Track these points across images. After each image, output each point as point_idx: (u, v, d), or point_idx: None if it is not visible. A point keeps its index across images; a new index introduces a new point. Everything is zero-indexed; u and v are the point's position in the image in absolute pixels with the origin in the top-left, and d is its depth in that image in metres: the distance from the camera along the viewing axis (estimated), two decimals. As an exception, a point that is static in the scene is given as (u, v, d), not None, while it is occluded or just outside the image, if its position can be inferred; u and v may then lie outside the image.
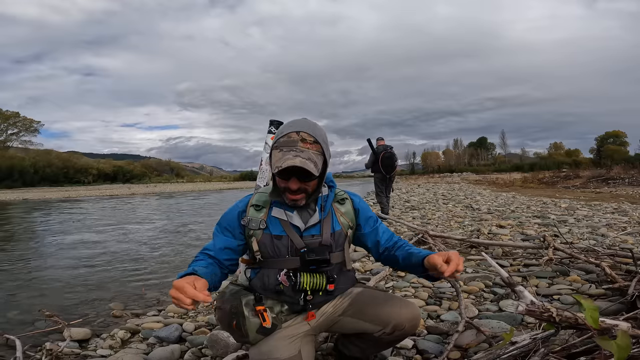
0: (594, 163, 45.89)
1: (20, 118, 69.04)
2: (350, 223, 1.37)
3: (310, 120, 1.27)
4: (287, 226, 1.29)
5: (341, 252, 1.34)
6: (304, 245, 1.27)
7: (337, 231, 1.33)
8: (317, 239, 1.29)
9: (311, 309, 1.31)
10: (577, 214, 6.52)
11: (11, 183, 53.19)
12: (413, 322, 1.35)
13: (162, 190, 35.88)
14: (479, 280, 2.75)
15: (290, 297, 1.28)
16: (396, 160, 6.85)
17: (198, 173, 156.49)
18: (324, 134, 1.26)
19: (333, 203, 1.37)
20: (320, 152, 1.21)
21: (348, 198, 1.40)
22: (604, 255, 2.86)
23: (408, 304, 1.37)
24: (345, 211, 1.37)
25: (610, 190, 13.38)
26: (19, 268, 4.43)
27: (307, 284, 1.25)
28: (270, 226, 1.29)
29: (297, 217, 1.30)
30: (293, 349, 1.23)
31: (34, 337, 2.21)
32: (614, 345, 0.91)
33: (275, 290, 1.28)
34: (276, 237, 1.28)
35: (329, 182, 1.39)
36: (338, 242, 1.33)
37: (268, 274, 1.30)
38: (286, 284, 1.27)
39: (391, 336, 1.35)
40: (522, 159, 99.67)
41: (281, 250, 1.28)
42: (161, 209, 13.92)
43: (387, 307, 1.34)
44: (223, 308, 1.29)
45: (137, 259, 4.76)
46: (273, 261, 1.29)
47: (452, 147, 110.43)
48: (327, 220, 1.32)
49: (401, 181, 39.02)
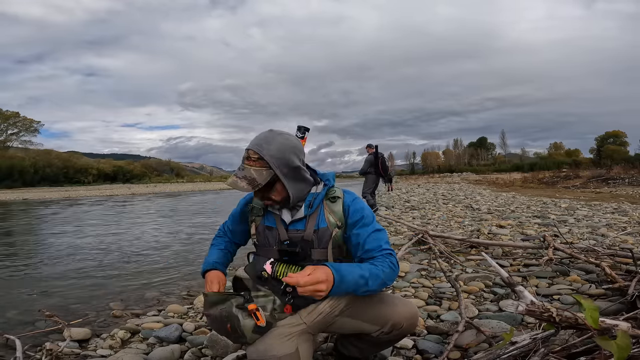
0: (594, 163, 45.89)
1: (20, 118, 69.11)
2: (339, 222, 1.35)
3: (272, 133, 1.30)
4: (277, 219, 1.37)
5: (325, 249, 1.33)
6: (287, 238, 1.34)
7: (321, 228, 1.33)
8: (300, 233, 1.33)
9: (291, 302, 1.30)
10: (577, 214, 6.52)
11: (11, 183, 53.23)
12: (411, 321, 1.35)
13: (162, 190, 35.91)
14: (479, 280, 2.75)
15: (272, 285, 1.32)
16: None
17: (198, 173, 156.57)
18: (278, 150, 1.26)
19: (324, 201, 1.37)
20: (264, 167, 1.26)
21: (341, 197, 1.39)
22: (604, 255, 2.86)
23: (405, 303, 1.37)
24: (335, 210, 1.36)
25: (610, 190, 13.38)
26: (19, 268, 4.43)
27: (281, 274, 1.28)
28: (266, 217, 1.40)
29: (286, 212, 1.38)
30: (290, 347, 1.24)
31: (34, 337, 2.20)
32: (614, 345, 0.91)
33: (259, 276, 1.34)
34: (268, 228, 1.38)
35: (325, 180, 1.41)
36: (322, 239, 1.33)
37: (259, 261, 1.38)
38: (269, 271, 1.30)
39: (389, 335, 1.34)
40: (522, 159, 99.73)
41: (270, 241, 1.37)
42: (161, 209, 13.92)
43: (384, 307, 1.33)
44: (212, 314, 1.30)
45: (137, 259, 4.76)
46: (264, 250, 1.39)
47: (452, 147, 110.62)
48: (313, 216, 1.34)
49: (401, 181, 39.05)
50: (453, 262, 3.32)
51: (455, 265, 3.24)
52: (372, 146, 8.16)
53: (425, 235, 3.85)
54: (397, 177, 47.26)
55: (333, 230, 1.34)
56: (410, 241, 3.85)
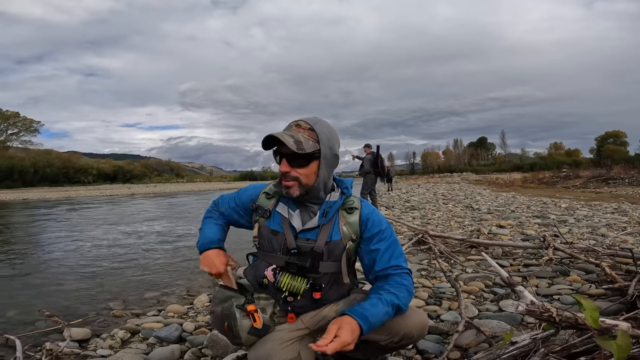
0: (594, 163, 45.84)
1: (20, 118, 69.10)
2: (354, 235, 1.28)
3: (322, 119, 1.28)
4: (285, 224, 1.28)
5: (336, 262, 1.27)
6: (295, 247, 1.25)
7: (333, 241, 1.26)
8: (310, 243, 1.25)
9: (291, 311, 1.28)
10: (577, 214, 6.52)
11: (11, 183, 53.24)
12: (422, 331, 1.32)
13: (162, 190, 35.89)
14: (479, 280, 2.75)
15: (272, 293, 1.29)
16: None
17: (198, 173, 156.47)
18: (329, 132, 1.25)
19: (340, 210, 1.30)
20: (313, 138, 1.21)
21: (358, 208, 1.31)
22: (604, 255, 2.86)
23: (417, 313, 1.33)
24: (351, 221, 1.29)
25: (610, 190, 13.38)
26: (19, 268, 4.43)
27: (285, 285, 1.23)
28: (272, 219, 1.31)
29: (297, 218, 1.28)
30: (292, 352, 1.21)
31: (34, 337, 2.21)
32: (614, 345, 0.91)
33: (260, 283, 1.31)
34: (273, 232, 1.29)
35: (343, 188, 1.34)
36: (333, 252, 1.26)
37: (260, 266, 1.33)
38: (271, 279, 1.27)
39: (398, 344, 1.32)
40: (522, 159, 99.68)
41: (274, 246, 1.29)
42: (161, 209, 13.92)
43: (396, 318, 1.25)
44: (215, 311, 1.29)
45: (137, 258, 4.76)
46: (267, 254, 1.31)
47: (452, 147, 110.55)
48: (326, 227, 1.27)
49: (401, 181, 39.03)
50: (453, 262, 3.32)
51: (455, 265, 3.24)
52: (370, 146, 8.21)
53: (425, 235, 3.85)
54: (397, 177, 47.25)
55: (347, 243, 1.28)
56: (410, 241, 3.85)
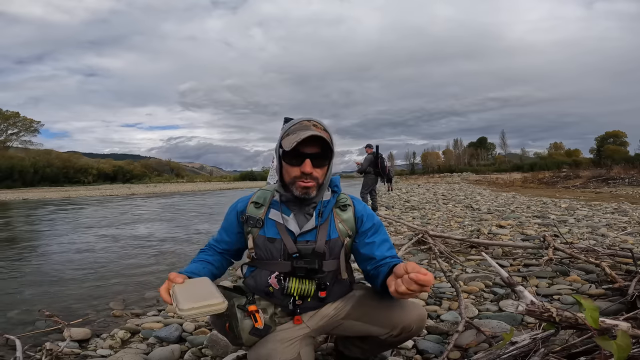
0: (594, 163, 45.79)
1: (20, 118, 69.10)
2: (350, 231, 1.31)
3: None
4: (282, 229, 1.27)
5: (335, 260, 1.29)
6: (296, 250, 1.25)
7: (332, 239, 1.28)
8: (310, 245, 1.25)
9: (299, 313, 1.29)
10: (577, 214, 6.52)
11: (11, 183, 53.25)
12: (420, 324, 1.33)
13: (162, 190, 35.88)
14: (479, 280, 2.75)
15: (279, 300, 1.28)
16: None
17: (198, 173, 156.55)
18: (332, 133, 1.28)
19: (334, 209, 1.32)
20: (328, 139, 1.22)
21: (351, 205, 1.34)
22: (604, 255, 2.85)
23: (415, 305, 1.35)
24: (346, 218, 1.32)
25: (610, 190, 13.37)
26: (19, 268, 4.43)
27: (295, 290, 1.23)
28: (266, 227, 1.29)
29: (292, 222, 1.28)
30: (292, 352, 1.21)
31: (34, 337, 2.21)
32: (614, 345, 0.91)
33: (265, 291, 1.29)
34: (269, 240, 1.27)
35: (334, 187, 1.35)
36: (333, 250, 1.28)
37: (260, 275, 1.30)
38: (276, 286, 1.26)
39: (397, 338, 1.32)
40: (522, 159, 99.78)
41: (273, 253, 1.27)
42: (161, 209, 13.91)
43: (394, 310, 1.29)
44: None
45: (137, 258, 4.76)
46: (266, 263, 1.29)
47: (452, 147, 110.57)
48: (323, 226, 1.28)
49: (401, 181, 39.03)
50: (453, 262, 3.32)
51: (455, 265, 3.24)
52: (372, 146, 8.24)
53: (425, 235, 3.85)
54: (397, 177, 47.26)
55: (345, 240, 1.30)
56: (410, 241, 3.85)
